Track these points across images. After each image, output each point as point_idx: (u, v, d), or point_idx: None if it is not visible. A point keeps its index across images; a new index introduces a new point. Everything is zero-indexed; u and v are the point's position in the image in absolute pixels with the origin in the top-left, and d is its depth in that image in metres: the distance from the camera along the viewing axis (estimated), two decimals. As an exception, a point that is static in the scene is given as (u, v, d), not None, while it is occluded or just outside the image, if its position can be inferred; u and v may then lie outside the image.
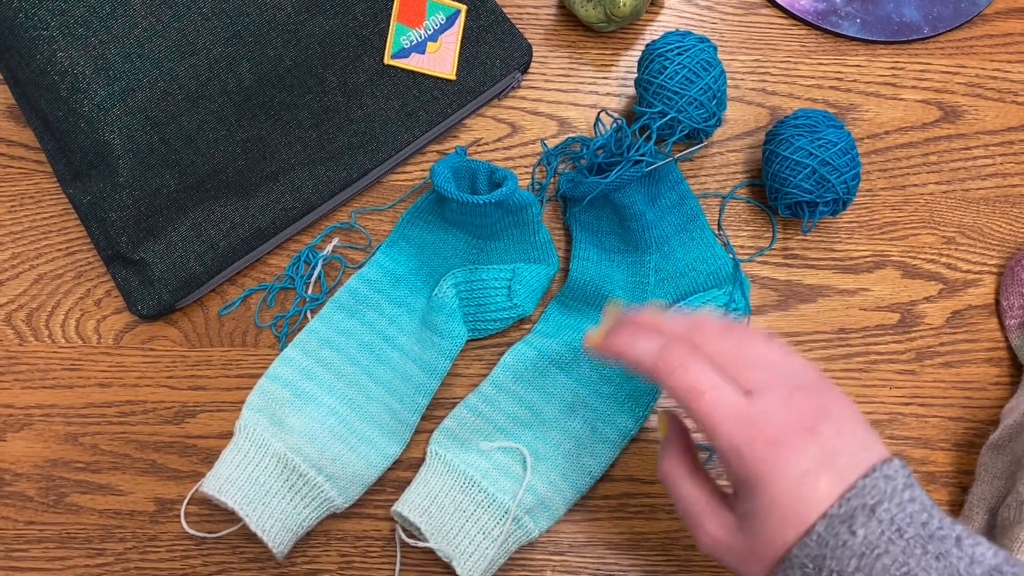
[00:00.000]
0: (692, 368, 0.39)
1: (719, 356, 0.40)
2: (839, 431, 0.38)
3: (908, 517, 0.36)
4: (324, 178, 0.60)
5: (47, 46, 0.53)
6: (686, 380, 0.39)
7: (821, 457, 0.37)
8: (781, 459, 0.37)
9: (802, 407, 0.38)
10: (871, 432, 0.39)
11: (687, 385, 0.39)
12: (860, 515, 0.36)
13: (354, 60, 0.59)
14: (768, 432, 0.37)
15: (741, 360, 0.40)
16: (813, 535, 0.36)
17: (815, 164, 0.56)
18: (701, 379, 0.39)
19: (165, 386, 0.59)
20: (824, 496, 0.37)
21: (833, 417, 0.38)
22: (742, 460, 0.38)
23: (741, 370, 0.39)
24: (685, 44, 0.58)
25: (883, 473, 0.37)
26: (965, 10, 0.66)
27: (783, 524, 0.37)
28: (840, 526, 0.36)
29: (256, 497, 0.52)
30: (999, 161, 0.64)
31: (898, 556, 0.35)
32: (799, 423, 0.38)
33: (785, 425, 0.37)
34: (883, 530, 0.35)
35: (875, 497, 0.36)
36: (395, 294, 0.60)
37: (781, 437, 0.37)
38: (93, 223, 0.57)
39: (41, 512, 0.57)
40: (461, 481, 0.54)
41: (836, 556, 0.36)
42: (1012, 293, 0.61)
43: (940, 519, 0.36)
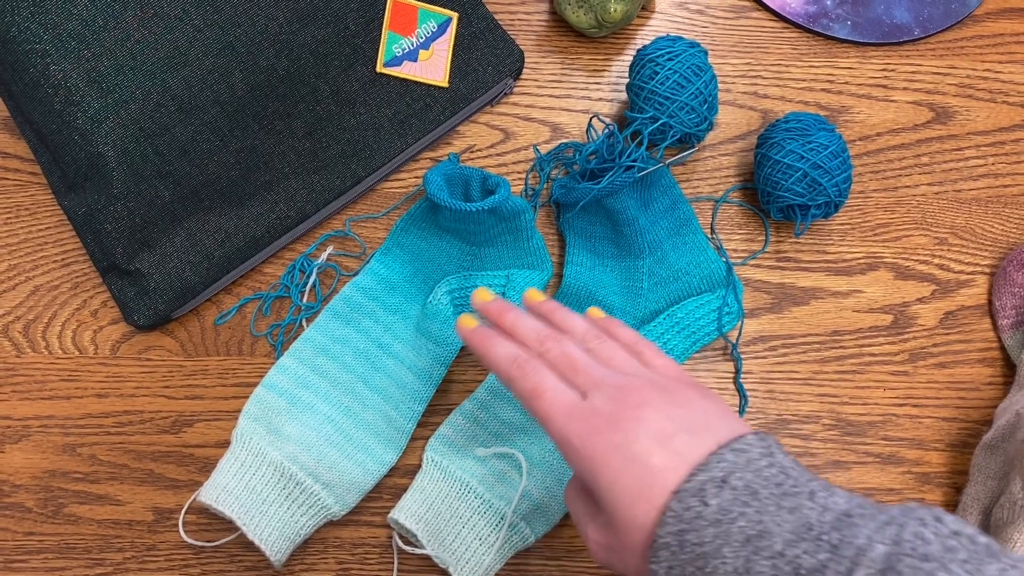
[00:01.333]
0: (536, 374, 0.43)
1: (558, 362, 0.43)
2: (670, 416, 0.40)
3: (763, 480, 0.37)
4: (318, 186, 0.60)
5: (40, 59, 0.54)
6: (530, 382, 0.42)
7: (651, 439, 0.39)
8: (608, 443, 0.39)
9: (628, 399, 0.40)
10: (720, 413, 0.41)
11: (530, 387, 0.42)
12: (711, 487, 0.37)
13: (346, 69, 0.59)
14: (593, 422, 0.40)
15: (575, 366, 0.43)
16: (668, 513, 0.37)
17: (806, 167, 0.57)
18: (544, 382, 0.42)
19: (162, 396, 0.59)
20: (659, 468, 0.38)
21: (661, 405, 0.40)
22: (575, 452, 0.40)
23: (578, 375, 0.42)
24: (676, 49, 0.58)
25: (732, 448, 0.38)
26: (955, 11, 0.67)
27: (631, 504, 0.38)
28: (691, 499, 0.37)
29: (253, 506, 0.52)
30: (991, 162, 0.64)
31: (752, 516, 0.36)
32: (623, 413, 0.40)
33: (609, 415, 0.40)
34: (736, 495, 0.36)
35: (724, 470, 0.37)
36: (390, 301, 0.60)
37: (604, 425, 0.40)
38: (88, 234, 0.58)
39: (40, 523, 0.57)
40: (457, 487, 0.54)
41: (694, 528, 0.37)
42: (1005, 293, 0.61)
43: (796, 477, 0.37)
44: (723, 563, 0.36)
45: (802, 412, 0.60)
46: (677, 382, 0.43)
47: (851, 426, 0.59)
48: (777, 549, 0.35)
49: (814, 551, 0.34)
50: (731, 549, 0.36)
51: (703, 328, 0.59)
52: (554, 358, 0.44)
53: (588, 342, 0.45)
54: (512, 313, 0.47)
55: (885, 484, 0.58)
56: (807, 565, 0.34)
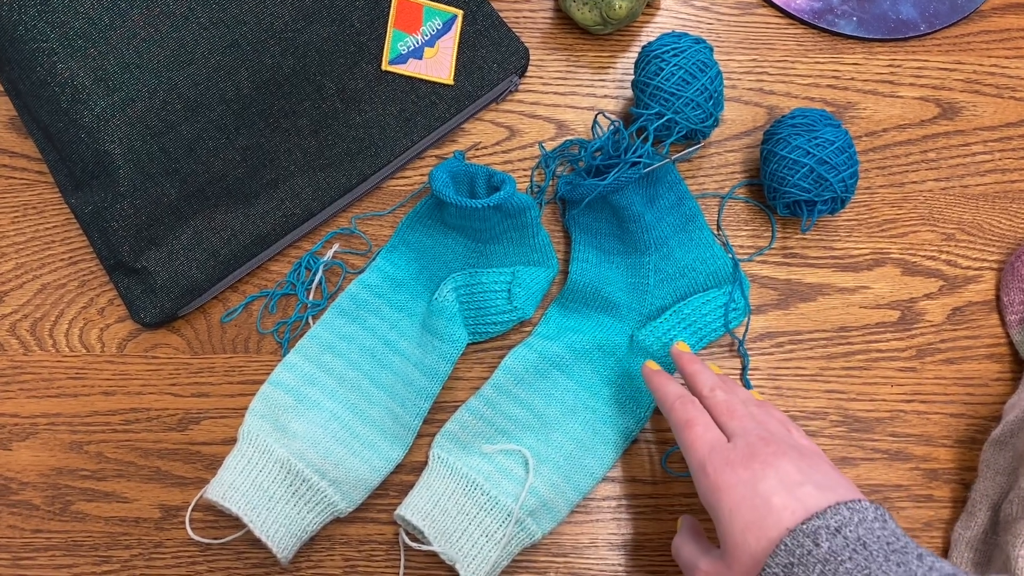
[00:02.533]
0: (694, 410, 0.49)
1: (718, 406, 0.49)
2: (803, 471, 0.44)
3: (875, 538, 0.39)
4: (324, 184, 0.60)
5: (47, 58, 0.54)
6: (688, 414, 0.49)
7: (779, 481, 0.43)
8: (735, 477, 0.44)
9: (767, 448, 0.45)
10: (847, 484, 0.44)
11: (687, 418, 0.48)
12: (824, 533, 0.40)
13: (352, 67, 0.59)
14: (729, 458, 0.45)
15: (732, 412, 0.48)
16: (781, 546, 0.40)
17: (813, 163, 0.57)
18: (699, 418, 0.48)
19: (169, 393, 0.59)
20: (779, 507, 0.42)
21: (799, 461, 0.44)
22: (706, 479, 0.45)
23: (730, 420, 0.48)
24: (681, 45, 0.58)
25: (848, 506, 0.41)
26: (962, 6, 0.66)
27: (745, 532, 0.42)
28: (804, 539, 0.40)
29: (260, 503, 0.52)
30: (998, 157, 0.64)
31: (860, 562, 0.38)
32: (757, 456, 0.45)
33: (744, 455, 0.45)
34: (847, 543, 0.39)
35: (839, 521, 0.40)
36: (396, 298, 0.60)
37: (738, 462, 0.45)
38: (95, 233, 0.58)
39: (47, 520, 0.57)
40: (464, 484, 0.54)
41: (802, 563, 0.39)
42: (1012, 289, 0.61)
43: (907, 542, 0.40)
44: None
45: (809, 408, 0.59)
46: (817, 453, 0.47)
47: (858, 422, 0.59)
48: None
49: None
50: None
51: (709, 324, 0.59)
52: (718, 403, 0.49)
53: (749, 405, 0.50)
54: (699, 365, 0.53)
55: (893, 480, 0.58)
56: None
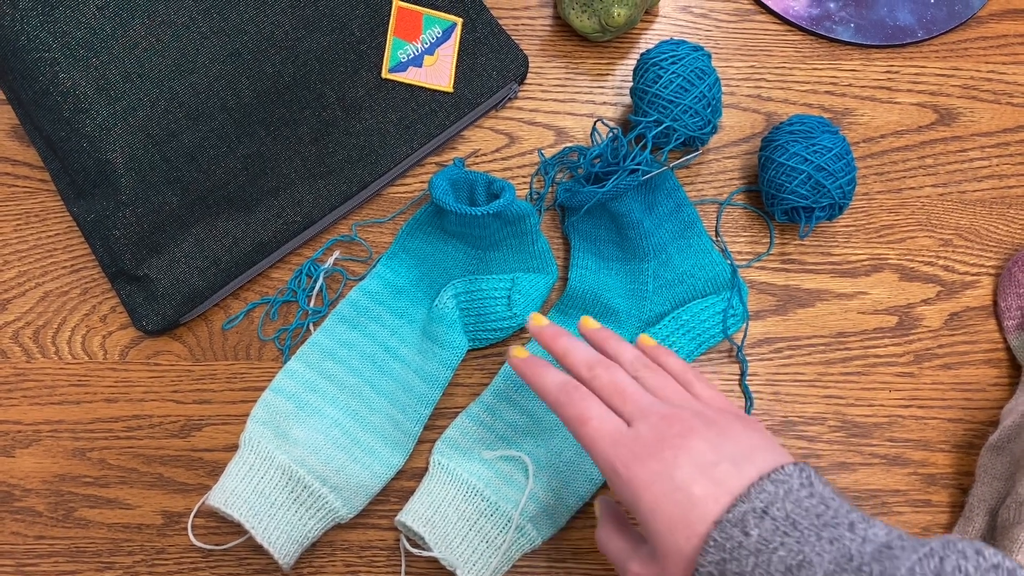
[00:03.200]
0: (583, 401, 0.44)
1: (605, 389, 0.45)
2: (715, 446, 0.41)
3: (803, 511, 0.38)
4: (324, 192, 0.60)
5: (49, 68, 0.54)
6: (576, 409, 0.44)
7: (694, 468, 0.40)
8: (651, 471, 0.41)
9: (672, 428, 0.42)
10: (764, 446, 0.42)
11: (576, 414, 0.44)
12: (751, 517, 0.38)
13: (352, 75, 0.60)
14: (636, 450, 0.41)
15: (623, 394, 0.44)
16: (710, 542, 0.38)
17: (810, 170, 0.57)
18: (588, 411, 0.44)
19: (171, 400, 0.60)
20: (700, 498, 0.39)
21: (708, 435, 0.41)
22: (618, 478, 0.41)
23: (625, 403, 0.44)
24: (679, 53, 0.59)
25: (771, 479, 0.39)
26: (959, 13, 0.67)
27: (672, 531, 0.39)
28: (732, 529, 0.38)
29: (262, 509, 0.53)
30: (995, 163, 0.64)
31: (792, 546, 0.36)
32: (669, 441, 0.41)
33: (652, 443, 0.41)
34: (777, 526, 0.37)
35: (764, 500, 0.38)
36: (396, 305, 0.60)
37: (650, 452, 0.41)
38: (97, 240, 0.58)
39: (50, 527, 0.58)
40: (464, 490, 0.55)
41: (735, 557, 0.37)
42: (1010, 294, 0.61)
43: (836, 508, 0.38)
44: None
45: (807, 414, 0.60)
46: (723, 413, 0.44)
47: (856, 428, 0.59)
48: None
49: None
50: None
51: (708, 330, 0.59)
52: (602, 385, 0.45)
53: (637, 371, 0.46)
54: (565, 339, 0.48)
55: (891, 485, 0.59)
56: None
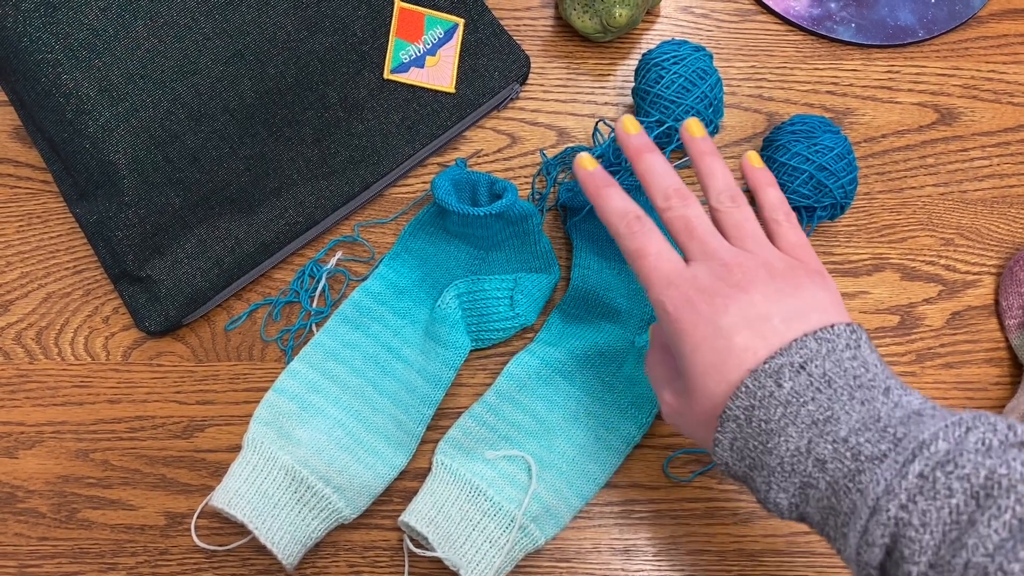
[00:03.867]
0: (646, 235, 0.43)
1: (681, 222, 0.43)
2: (770, 300, 0.40)
3: (841, 371, 0.37)
4: (327, 192, 0.60)
5: (51, 69, 0.54)
6: (637, 243, 0.43)
7: (742, 317, 0.39)
8: (698, 313, 0.40)
9: (731, 276, 0.41)
10: (823, 307, 0.40)
11: (636, 247, 0.43)
12: (787, 370, 0.38)
13: (354, 76, 0.60)
14: (689, 292, 0.41)
15: (692, 232, 0.43)
16: (742, 388, 0.38)
17: (812, 170, 0.57)
18: (649, 245, 0.43)
19: (174, 401, 0.60)
20: (740, 348, 0.39)
21: (764, 289, 0.40)
22: (666, 316, 0.41)
23: (691, 240, 0.43)
24: (681, 53, 0.59)
25: (816, 336, 0.38)
26: (959, 12, 0.67)
27: (706, 374, 0.40)
28: (767, 379, 0.38)
29: (265, 510, 0.53)
30: (996, 162, 0.64)
31: (823, 402, 0.37)
32: (722, 288, 0.40)
33: (706, 287, 0.41)
34: (812, 382, 0.37)
35: (804, 356, 0.38)
36: (399, 306, 0.60)
37: (700, 297, 0.40)
38: (100, 242, 0.58)
39: (53, 528, 0.58)
40: (467, 490, 0.55)
41: (764, 406, 0.38)
42: (1011, 293, 0.61)
43: (876, 374, 0.38)
44: (786, 441, 0.37)
45: (810, 413, 0.60)
46: (795, 267, 0.42)
47: (859, 427, 0.60)
48: (841, 435, 0.36)
49: (877, 441, 0.35)
50: (796, 429, 0.37)
51: (710, 330, 0.59)
52: (673, 218, 0.43)
53: (722, 203, 0.44)
54: (651, 156, 0.45)
55: (893, 484, 0.59)
56: (867, 452, 0.35)
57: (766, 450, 0.38)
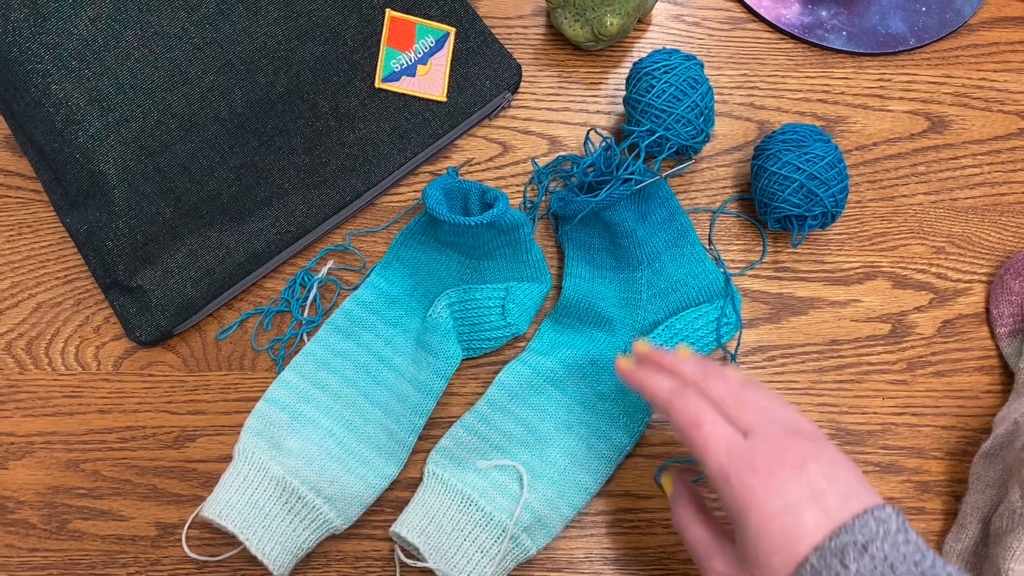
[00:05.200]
0: (696, 405, 0.43)
1: (723, 399, 0.44)
2: (828, 475, 0.40)
3: (901, 556, 0.37)
4: (318, 201, 0.60)
5: (41, 79, 0.54)
6: (690, 414, 0.43)
7: (808, 493, 0.39)
8: (766, 488, 0.40)
9: (792, 448, 0.41)
10: (864, 482, 0.41)
11: (690, 418, 0.43)
12: (852, 551, 0.37)
13: (345, 85, 0.60)
14: (756, 463, 0.40)
15: (742, 404, 0.43)
16: (807, 566, 0.38)
17: (803, 178, 0.57)
18: (702, 415, 0.43)
19: (164, 411, 0.59)
20: (811, 529, 0.39)
21: (822, 461, 0.41)
22: (730, 487, 0.41)
23: (741, 413, 0.43)
24: (672, 62, 0.59)
25: (875, 516, 0.39)
26: (950, 21, 0.67)
27: (773, 554, 0.39)
28: (832, 559, 0.37)
29: (256, 520, 0.53)
30: (987, 170, 0.65)
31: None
32: (787, 461, 0.40)
33: (773, 460, 0.40)
34: (875, 565, 0.37)
35: (866, 536, 0.38)
36: (390, 315, 0.60)
37: (768, 469, 0.40)
38: (90, 251, 0.58)
39: (44, 539, 0.57)
40: (458, 500, 0.55)
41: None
42: (1002, 301, 0.61)
43: (933, 560, 0.38)
44: None
45: (801, 422, 0.60)
46: (826, 443, 0.43)
47: (850, 435, 0.60)
48: None
49: None
50: None
51: (702, 339, 0.59)
52: (719, 394, 0.44)
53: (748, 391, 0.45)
54: (671, 356, 0.48)
55: (885, 493, 0.59)
56: None
57: None
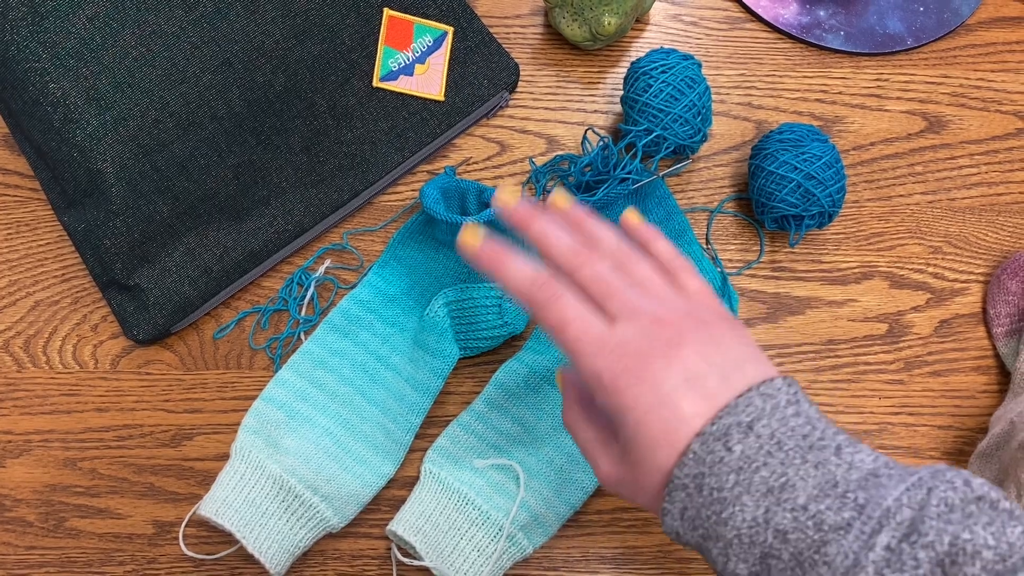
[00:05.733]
0: (560, 301, 0.39)
1: (595, 283, 0.40)
2: (705, 355, 0.38)
3: (789, 431, 0.36)
4: (315, 200, 0.60)
5: (39, 78, 0.54)
6: (554, 313, 0.39)
7: (683, 379, 0.37)
8: (637, 382, 0.37)
9: (662, 333, 0.38)
10: (754, 356, 0.39)
11: (555, 318, 0.39)
12: (735, 432, 0.36)
13: (343, 84, 0.60)
14: (623, 359, 0.38)
15: (614, 289, 0.40)
16: (689, 454, 0.36)
17: (800, 178, 0.57)
18: (567, 312, 0.39)
19: (162, 409, 0.59)
20: (689, 415, 0.37)
21: (696, 342, 0.38)
22: (603, 387, 0.38)
23: (611, 299, 0.39)
24: (669, 62, 0.59)
25: (760, 392, 0.37)
26: (948, 21, 0.67)
27: (655, 447, 0.37)
28: (715, 443, 0.36)
29: (253, 519, 0.53)
30: (984, 170, 0.65)
31: (776, 467, 0.35)
32: (657, 348, 0.38)
33: (641, 351, 0.38)
34: (761, 444, 0.36)
35: (751, 415, 0.36)
36: (387, 314, 0.60)
37: (636, 363, 0.38)
38: (88, 250, 0.58)
39: (41, 537, 0.57)
40: (455, 499, 0.55)
41: (714, 473, 0.36)
42: (999, 301, 0.61)
43: (823, 430, 0.36)
44: (741, 510, 0.35)
45: (798, 421, 0.60)
46: (713, 315, 0.40)
47: (847, 435, 0.60)
48: (800, 502, 0.34)
49: (839, 508, 0.34)
50: (751, 498, 0.35)
51: (699, 338, 0.59)
52: (584, 279, 0.40)
53: (621, 259, 0.41)
54: (540, 222, 0.42)
55: (881, 492, 0.59)
56: (830, 521, 0.34)
57: (720, 520, 0.36)
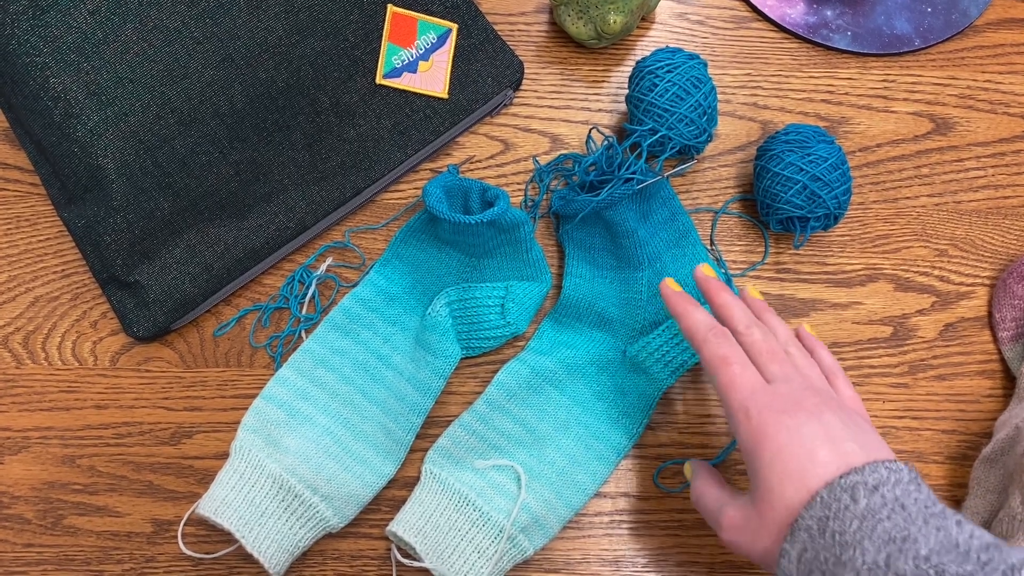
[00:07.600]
0: (730, 346, 0.46)
1: (765, 346, 0.46)
2: (846, 425, 0.42)
3: (912, 500, 0.38)
4: (317, 198, 0.60)
5: (40, 72, 0.54)
6: (720, 352, 0.45)
7: (823, 434, 0.41)
8: (784, 424, 0.42)
9: (811, 398, 0.43)
10: (884, 445, 0.42)
11: (721, 355, 0.45)
12: (862, 489, 0.38)
13: (346, 80, 0.59)
14: (772, 403, 0.43)
15: (774, 355, 0.46)
16: (818, 498, 0.39)
17: (806, 180, 0.57)
18: (732, 355, 0.45)
19: (161, 407, 0.59)
20: (823, 462, 0.40)
21: (839, 416, 0.42)
22: (748, 422, 0.43)
23: (770, 363, 0.45)
24: (675, 61, 0.58)
25: (886, 465, 0.39)
26: (956, 22, 0.66)
27: (785, 480, 0.40)
28: (842, 493, 0.38)
29: (252, 518, 0.52)
30: (991, 173, 0.64)
31: (899, 522, 0.37)
32: (804, 405, 0.42)
33: (789, 402, 0.43)
34: (885, 502, 0.38)
35: (877, 480, 0.38)
36: (389, 313, 0.60)
37: (782, 408, 0.42)
38: (88, 246, 0.58)
39: (39, 535, 0.57)
40: (456, 500, 0.54)
41: (839, 518, 0.38)
42: (1005, 305, 0.61)
43: (943, 508, 0.38)
44: (862, 554, 0.36)
45: (801, 424, 0.60)
46: (857, 412, 0.45)
47: (850, 438, 0.59)
48: (923, 553, 0.35)
49: (961, 562, 0.35)
50: (873, 544, 0.36)
51: (702, 340, 0.59)
52: (754, 342, 0.46)
53: (788, 346, 0.48)
54: (728, 295, 0.49)
55: (884, 497, 0.58)
56: (952, 571, 0.34)
57: (839, 562, 0.37)
